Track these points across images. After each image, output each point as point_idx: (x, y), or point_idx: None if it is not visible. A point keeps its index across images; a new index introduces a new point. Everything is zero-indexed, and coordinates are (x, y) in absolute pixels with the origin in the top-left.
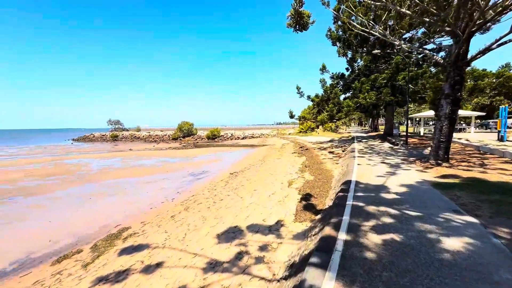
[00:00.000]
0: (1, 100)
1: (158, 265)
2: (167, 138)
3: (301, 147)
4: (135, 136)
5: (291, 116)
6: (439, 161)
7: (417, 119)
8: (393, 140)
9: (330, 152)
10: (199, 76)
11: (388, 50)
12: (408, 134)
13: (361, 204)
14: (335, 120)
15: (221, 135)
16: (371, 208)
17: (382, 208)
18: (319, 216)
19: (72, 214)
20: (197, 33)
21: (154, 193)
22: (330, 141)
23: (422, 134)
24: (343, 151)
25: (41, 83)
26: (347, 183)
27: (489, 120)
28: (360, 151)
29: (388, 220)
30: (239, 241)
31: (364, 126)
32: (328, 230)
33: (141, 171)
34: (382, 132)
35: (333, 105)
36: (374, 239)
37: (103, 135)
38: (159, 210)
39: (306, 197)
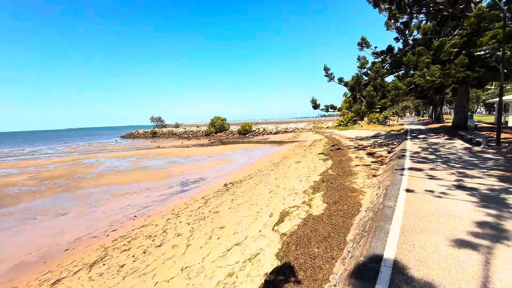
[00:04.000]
0: (78, 102)
1: None
2: (200, 134)
3: (334, 145)
4: (173, 132)
5: (315, 107)
6: None
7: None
8: (470, 136)
9: (369, 154)
10: (248, 71)
11: (461, 6)
12: (486, 125)
13: None
14: (377, 110)
15: (253, 130)
16: None
17: None
18: None
19: None
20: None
21: (108, 215)
22: (374, 136)
23: (511, 124)
24: (388, 153)
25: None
26: (366, 274)
27: None
28: (414, 155)
29: None
30: None
31: (422, 116)
32: None
33: (136, 176)
34: (448, 124)
35: (373, 89)
36: None
37: (146, 132)
38: (69, 256)
39: (280, 277)
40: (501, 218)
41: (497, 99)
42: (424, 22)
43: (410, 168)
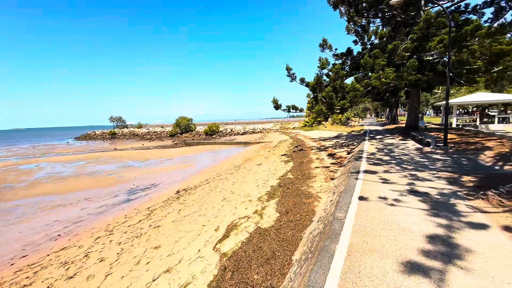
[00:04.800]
0: (25, 99)
1: None
2: (164, 135)
3: (297, 146)
4: (134, 133)
5: (276, 107)
6: None
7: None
8: (421, 137)
9: (329, 155)
10: (217, 70)
11: (412, 13)
12: (435, 126)
13: None
14: (337, 111)
15: (220, 131)
16: None
17: None
18: None
19: None
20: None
21: (24, 235)
22: (336, 137)
23: (454, 126)
24: (348, 153)
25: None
26: None
27: None
28: (370, 157)
29: None
30: None
31: (381, 118)
32: None
33: (78, 184)
34: (402, 125)
35: (332, 89)
36: None
37: (104, 133)
38: None
39: None
40: (451, 229)
41: (444, 102)
42: (380, 28)
43: (365, 171)
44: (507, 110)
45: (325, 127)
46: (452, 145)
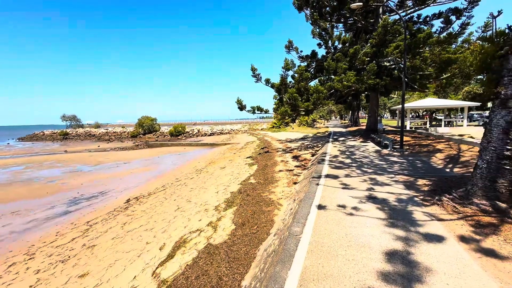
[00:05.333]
0: None
1: None
2: (126, 135)
3: (263, 148)
4: (90, 134)
5: (241, 108)
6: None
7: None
8: (379, 139)
9: (294, 158)
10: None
11: (372, 20)
12: (392, 128)
13: None
14: (302, 112)
15: (186, 132)
16: None
17: None
18: None
19: None
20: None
21: None
22: (302, 138)
23: (408, 128)
24: (312, 155)
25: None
26: None
27: (473, 112)
28: (333, 160)
29: None
30: None
31: (344, 120)
32: None
33: (6, 194)
34: (363, 127)
35: (297, 91)
36: None
37: (54, 133)
38: None
39: None
40: (409, 243)
41: (399, 106)
42: (344, 34)
43: (327, 175)
44: (451, 115)
45: (292, 128)
46: (407, 147)
